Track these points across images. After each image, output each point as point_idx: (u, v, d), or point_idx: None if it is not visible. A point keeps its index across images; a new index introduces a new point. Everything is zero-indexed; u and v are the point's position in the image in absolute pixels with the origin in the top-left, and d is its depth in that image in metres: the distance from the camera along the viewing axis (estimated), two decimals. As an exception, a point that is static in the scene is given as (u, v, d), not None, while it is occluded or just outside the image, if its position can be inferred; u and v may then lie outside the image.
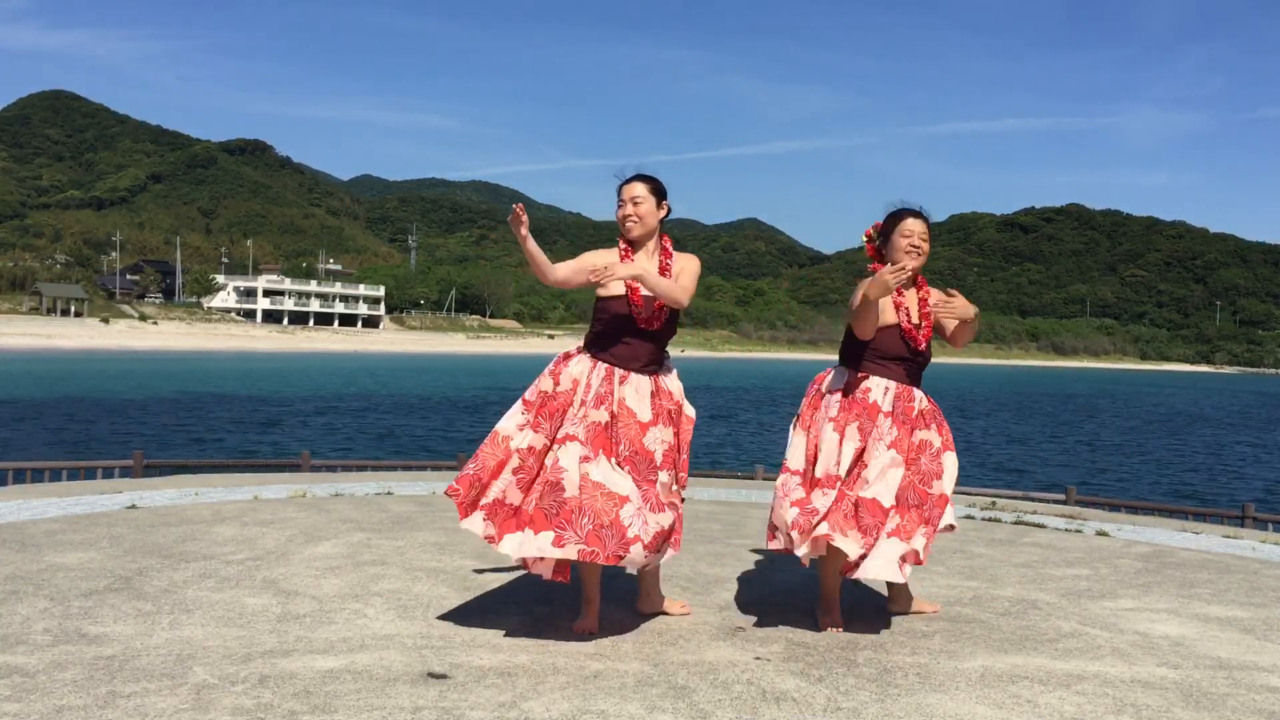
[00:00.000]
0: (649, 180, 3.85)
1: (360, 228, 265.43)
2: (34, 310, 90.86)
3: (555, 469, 3.56)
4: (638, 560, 3.50)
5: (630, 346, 3.76)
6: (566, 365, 3.78)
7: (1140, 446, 28.33)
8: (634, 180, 3.83)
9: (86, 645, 3.33)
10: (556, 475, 3.54)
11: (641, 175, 3.86)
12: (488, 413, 30.68)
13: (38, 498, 6.27)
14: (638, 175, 3.86)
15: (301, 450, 10.46)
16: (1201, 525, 7.39)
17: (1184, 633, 4.01)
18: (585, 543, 3.43)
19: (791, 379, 68.74)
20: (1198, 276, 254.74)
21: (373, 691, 2.97)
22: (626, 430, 3.67)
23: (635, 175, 3.86)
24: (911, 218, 3.98)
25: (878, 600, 4.37)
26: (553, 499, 3.52)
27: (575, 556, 3.45)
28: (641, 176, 3.86)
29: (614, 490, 3.52)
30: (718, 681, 3.18)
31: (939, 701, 3.07)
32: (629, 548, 3.45)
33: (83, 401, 28.84)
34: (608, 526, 3.45)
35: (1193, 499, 17.51)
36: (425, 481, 7.86)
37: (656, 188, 3.84)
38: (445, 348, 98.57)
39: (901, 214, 4.02)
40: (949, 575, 4.93)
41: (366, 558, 4.82)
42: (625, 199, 3.81)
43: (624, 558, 3.45)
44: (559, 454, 3.59)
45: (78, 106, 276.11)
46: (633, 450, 3.65)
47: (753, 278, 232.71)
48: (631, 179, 3.84)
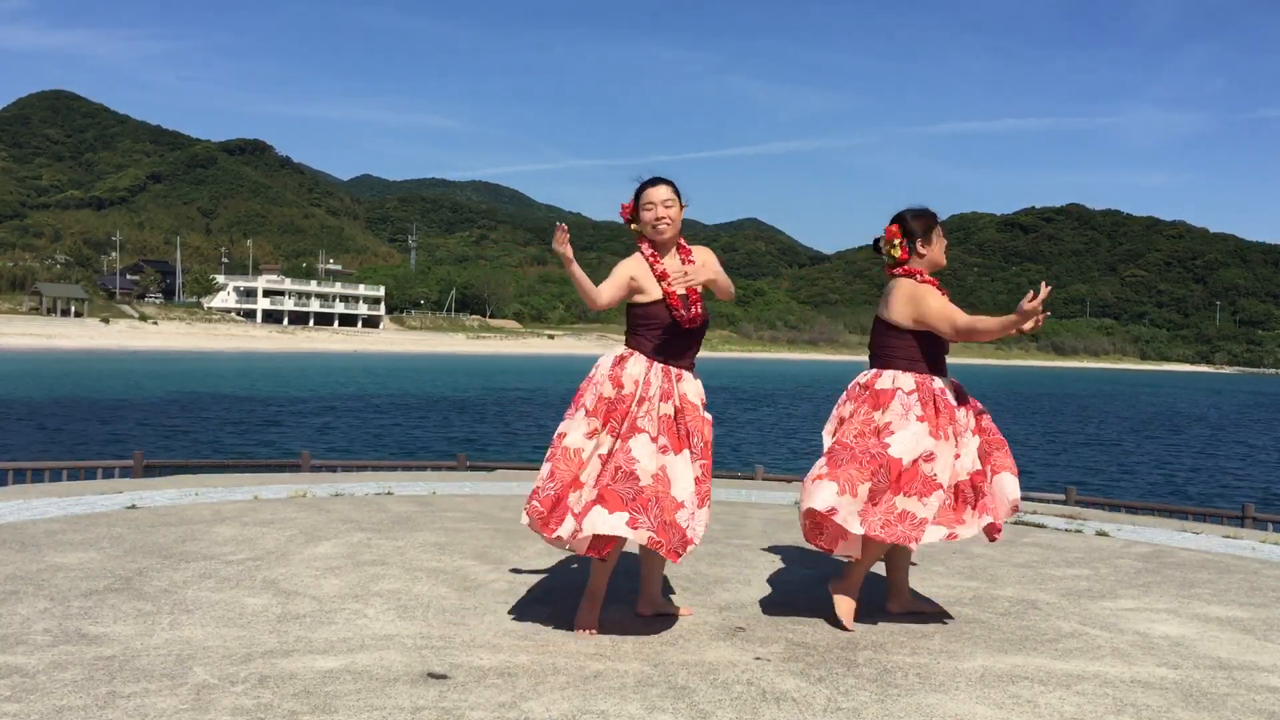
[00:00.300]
0: (671, 183, 3.90)
1: (360, 228, 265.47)
2: (34, 310, 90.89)
3: (629, 459, 3.62)
4: (684, 557, 3.66)
5: (677, 346, 3.85)
6: (624, 367, 3.81)
7: (1140, 447, 28.33)
8: (659, 184, 3.87)
9: (86, 645, 3.33)
10: (630, 465, 3.61)
11: (662, 179, 3.90)
12: (488, 413, 30.69)
13: (38, 498, 6.27)
14: (659, 179, 3.89)
15: (301, 450, 10.47)
16: (1201, 525, 7.39)
17: (1184, 633, 4.01)
18: (655, 532, 3.53)
19: (791, 379, 68.76)
20: (1198, 276, 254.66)
21: (373, 691, 2.97)
22: (694, 424, 3.78)
23: (656, 179, 3.89)
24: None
25: (878, 600, 4.37)
26: (627, 485, 3.58)
27: (644, 541, 3.54)
28: (663, 180, 3.89)
29: (676, 493, 3.64)
30: (718, 681, 3.18)
31: (939, 701, 3.07)
32: (687, 546, 3.60)
33: (83, 401, 28.84)
34: (669, 525, 3.58)
35: (1193, 499, 17.52)
36: (425, 481, 7.86)
37: (677, 189, 3.90)
38: (445, 348, 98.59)
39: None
40: (949, 575, 4.93)
41: (366, 558, 4.82)
42: (654, 202, 3.83)
43: (680, 555, 3.58)
44: (631, 445, 3.65)
45: (78, 106, 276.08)
46: (705, 442, 3.79)
47: (753, 278, 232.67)
48: (655, 182, 3.88)
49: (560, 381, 50.12)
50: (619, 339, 4.28)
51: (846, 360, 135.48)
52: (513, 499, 7.04)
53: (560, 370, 63.53)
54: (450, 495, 7.09)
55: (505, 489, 7.56)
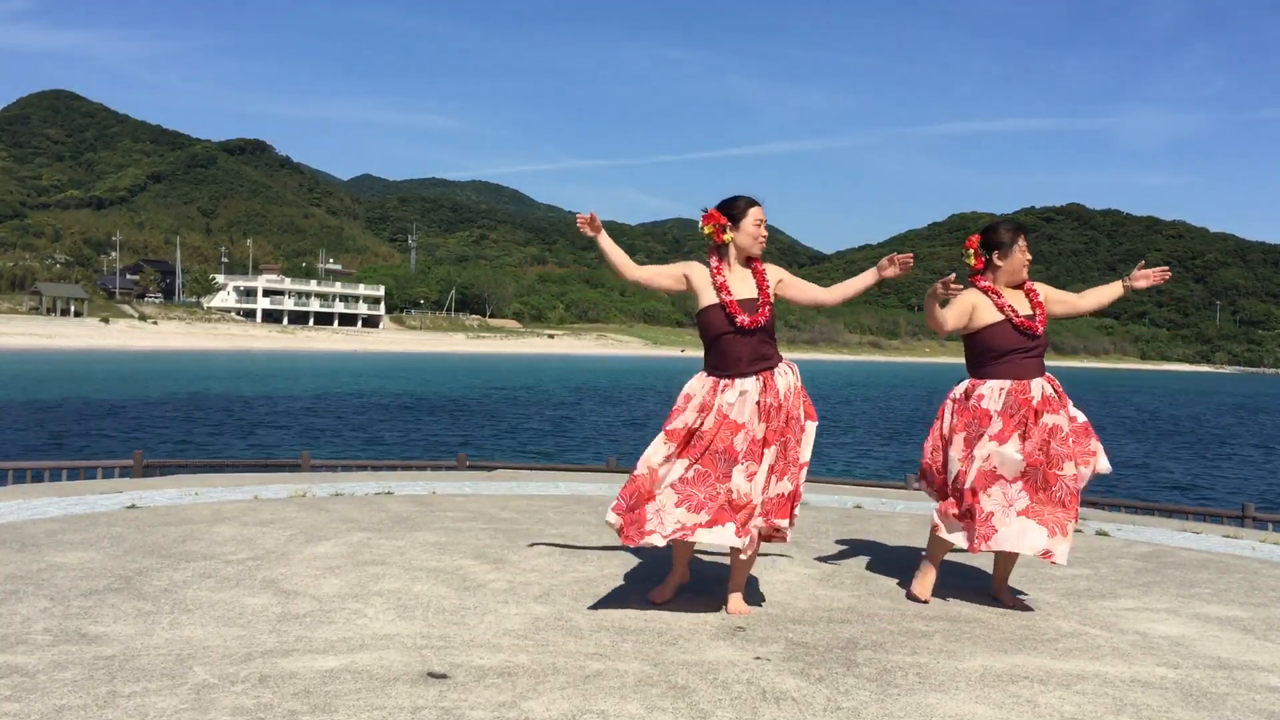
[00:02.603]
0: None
1: (360, 228, 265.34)
2: (34, 310, 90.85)
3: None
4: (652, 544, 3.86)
5: (734, 349, 3.99)
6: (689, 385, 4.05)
7: (1139, 446, 28.32)
8: (759, 204, 4.06)
9: (86, 645, 3.33)
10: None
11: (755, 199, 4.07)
12: (488, 413, 30.69)
13: (38, 498, 6.27)
14: (754, 199, 4.06)
15: (301, 450, 10.46)
16: (1201, 525, 7.39)
17: (1184, 632, 4.01)
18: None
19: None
20: (1198, 276, 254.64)
21: (373, 691, 2.97)
22: (714, 433, 3.92)
23: (753, 198, 4.06)
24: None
25: (877, 600, 4.37)
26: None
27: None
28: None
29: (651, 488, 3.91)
30: (718, 681, 3.18)
31: (939, 701, 3.07)
32: (644, 536, 3.85)
33: (83, 401, 28.84)
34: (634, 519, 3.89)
35: (1193, 499, 17.52)
36: (425, 481, 7.86)
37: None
38: (445, 348, 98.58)
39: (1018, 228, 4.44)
40: (949, 574, 4.92)
41: (366, 558, 4.82)
42: (761, 219, 4.06)
43: (638, 542, 3.84)
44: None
45: (78, 106, 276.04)
46: (713, 450, 3.91)
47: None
48: (756, 201, 4.07)
49: (560, 381, 50.11)
50: (619, 339, 4.36)
51: (847, 360, 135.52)
52: (512, 499, 7.04)
53: (560, 370, 63.53)
54: (450, 495, 7.09)
55: (505, 489, 7.56)
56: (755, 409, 3.94)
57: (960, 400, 4.32)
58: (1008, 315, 4.26)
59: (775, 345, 4.10)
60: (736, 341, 3.97)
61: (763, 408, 3.94)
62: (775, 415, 3.95)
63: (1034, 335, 4.27)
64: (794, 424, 3.99)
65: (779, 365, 4.06)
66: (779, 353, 4.10)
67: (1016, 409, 4.16)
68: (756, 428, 3.93)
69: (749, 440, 3.90)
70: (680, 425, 3.92)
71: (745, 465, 3.89)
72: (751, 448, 3.91)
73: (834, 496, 7.96)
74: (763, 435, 3.94)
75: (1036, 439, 4.12)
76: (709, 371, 4.05)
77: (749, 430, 3.91)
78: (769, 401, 3.95)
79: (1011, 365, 4.24)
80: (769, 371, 4.01)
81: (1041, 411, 4.15)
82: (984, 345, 4.29)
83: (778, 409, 3.96)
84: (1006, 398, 4.18)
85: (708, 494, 3.86)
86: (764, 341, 4.02)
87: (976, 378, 4.32)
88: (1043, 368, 4.32)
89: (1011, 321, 4.26)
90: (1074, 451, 4.15)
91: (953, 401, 4.36)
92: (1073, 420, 4.24)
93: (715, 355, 4.03)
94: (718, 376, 4.00)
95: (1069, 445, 4.14)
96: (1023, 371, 4.24)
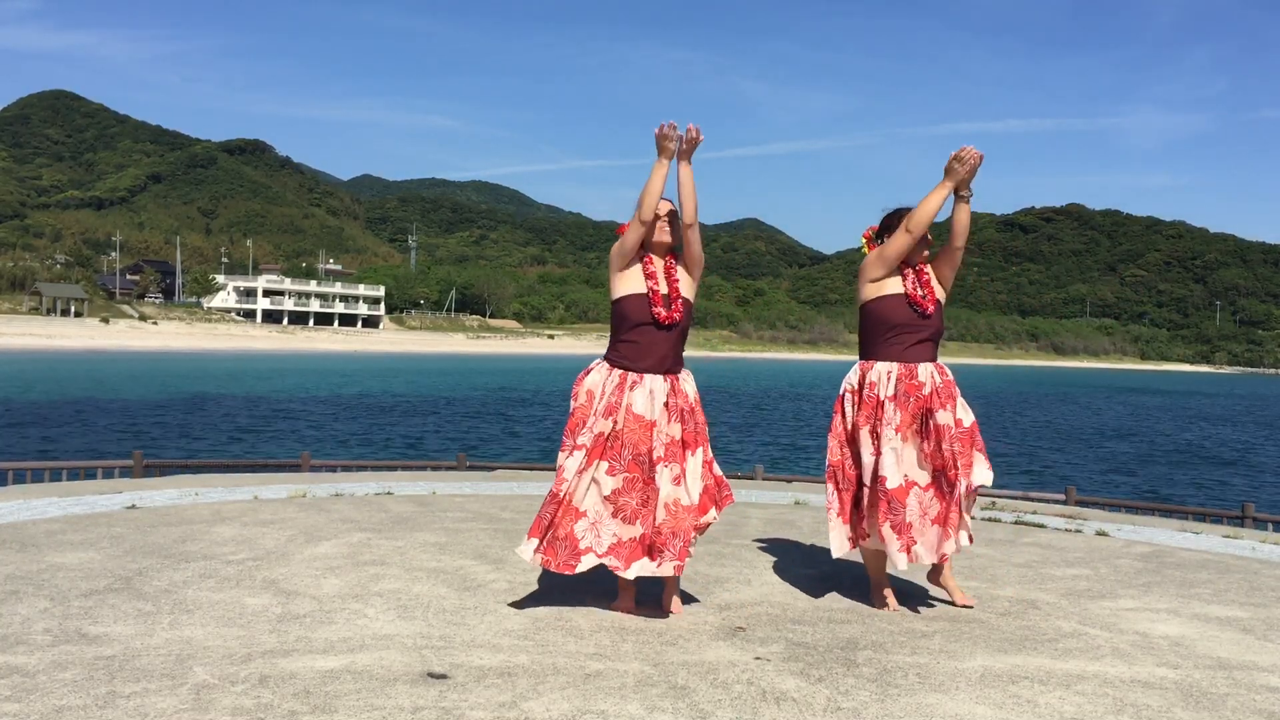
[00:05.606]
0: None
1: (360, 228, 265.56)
2: (34, 310, 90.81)
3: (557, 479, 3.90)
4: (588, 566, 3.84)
5: (646, 344, 3.93)
6: (584, 379, 3.99)
7: (1140, 446, 28.32)
8: (667, 200, 4.12)
9: (86, 645, 3.33)
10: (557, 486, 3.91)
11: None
12: (488, 413, 30.68)
13: (38, 498, 6.27)
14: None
15: (301, 450, 10.46)
16: (1201, 525, 7.38)
17: (1184, 633, 4.01)
18: (544, 552, 3.88)
19: (790, 379, 68.72)
20: (1198, 276, 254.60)
21: (373, 691, 2.96)
22: (630, 435, 3.86)
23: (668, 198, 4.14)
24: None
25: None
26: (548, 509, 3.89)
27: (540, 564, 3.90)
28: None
29: (575, 504, 3.87)
30: (718, 681, 3.18)
31: (939, 701, 3.07)
32: (579, 558, 3.84)
33: (83, 401, 28.84)
34: (563, 539, 3.85)
35: (1193, 498, 17.52)
36: (425, 481, 7.86)
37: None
38: (445, 348, 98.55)
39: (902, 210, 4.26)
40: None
41: (366, 558, 4.82)
42: (666, 212, 4.06)
43: (576, 567, 3.83)
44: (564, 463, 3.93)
45: (78, 106, 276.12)
46: (635, 454, 3.86)
47: (753, 278, 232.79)
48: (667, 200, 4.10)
49: (560, 381, 50.09)
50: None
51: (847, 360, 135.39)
52: (512, 499, 7.04)
53: (560, 370, 63.50)
54: (450, 495, 7.09)
55: (505, 489, 7.56)
56: (665, 410, 3.89)
57: (855, 391, 4.25)
58: (906, 289, 4.20)
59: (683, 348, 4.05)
60: (653, 335, 3.91)
61: (672, 409, 3.90)
62: (689, 418, 3.94)
63: (925, 314, 4.20)
64: (703, 429, 3.99)
65: (682, 371, 4.04)
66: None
67: (907, 397, 4.10)
68: (672, 428, 3.89)
69: (666, 441, 3.86)
70: (589, 440, 3.84)
71: (669, 468, 3.83)
72: (671, 448, 3.86)
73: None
74: (680, 437, 3.90)
75: (934, 439, 4.08)
76: (614, 363, 3.96)
77: (661, 429, 3.86)
78: (679, 404, 3.92)
79: (900, 346, 4.18)
80: (675, 375, 3.97)
81: (934, 409, 4.09)
82: (878, 317, 4.22)
83: (690, 411, 3.95)
84: (897, 384, 4.12)
85: (640, 499, 3.84)
86: (678, 341, 3.98)
87: (865, 359, 4.26)
88: (934, 354, 4.24)
89: (908, 295, 4.20)
90: (961, 452, 4.08)
91: (851, 394, 4.26)
92: (959, 424, 4.14)
93: (627, 347, 3.94)
94: (625, 369, 3.93)
95: (955, 447, 4.07)
96: (910, 355, 4.17)
